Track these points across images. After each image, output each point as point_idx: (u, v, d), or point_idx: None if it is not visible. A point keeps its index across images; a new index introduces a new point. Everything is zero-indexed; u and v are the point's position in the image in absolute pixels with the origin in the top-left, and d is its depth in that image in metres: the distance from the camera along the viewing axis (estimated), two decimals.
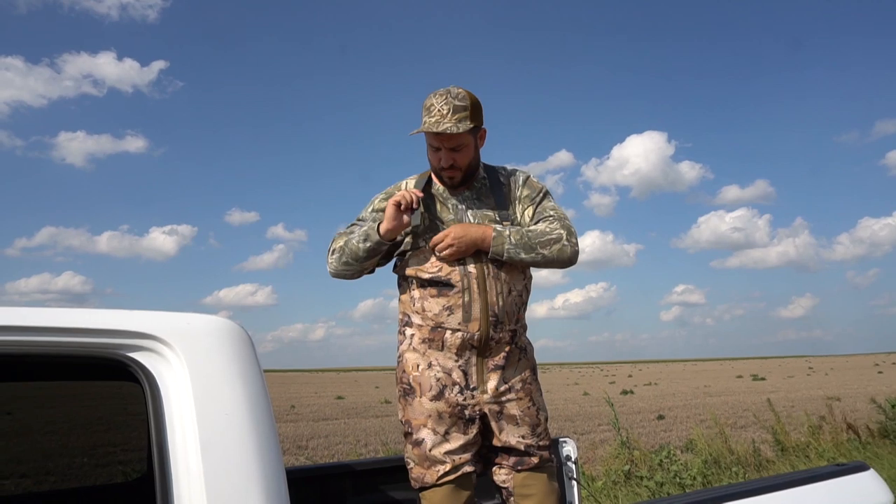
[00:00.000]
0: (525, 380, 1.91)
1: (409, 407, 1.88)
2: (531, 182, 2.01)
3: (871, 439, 6.79)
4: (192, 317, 1.20)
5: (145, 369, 1.13)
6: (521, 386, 1.90)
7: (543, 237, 1.87)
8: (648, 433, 10.86)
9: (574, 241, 1.90)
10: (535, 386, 1.94)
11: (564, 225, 1.91)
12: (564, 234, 1.88)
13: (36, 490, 1.78)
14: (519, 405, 1.88)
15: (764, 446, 6.78)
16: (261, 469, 1.11)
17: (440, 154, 1.88)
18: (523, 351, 1.95)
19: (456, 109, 1.83)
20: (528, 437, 1.89)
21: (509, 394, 1.88)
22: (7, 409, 1.69)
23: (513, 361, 1.91)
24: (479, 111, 1.90)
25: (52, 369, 1.31)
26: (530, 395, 1.91)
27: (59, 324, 1.12)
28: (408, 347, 1.92)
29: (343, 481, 2.24)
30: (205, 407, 1.11)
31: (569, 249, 1.88)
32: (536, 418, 1.91)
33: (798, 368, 56.35)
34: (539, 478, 1.92)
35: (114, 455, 1.84)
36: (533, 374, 1.95)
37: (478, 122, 1.89)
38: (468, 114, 1.84)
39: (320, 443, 10.97)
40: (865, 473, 1.85)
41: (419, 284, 1.89)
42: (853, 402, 13.91)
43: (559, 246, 1.87)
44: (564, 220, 1.93)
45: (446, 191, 1.97)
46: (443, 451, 1.82)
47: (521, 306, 1.93)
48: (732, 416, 13.32)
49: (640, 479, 5.26)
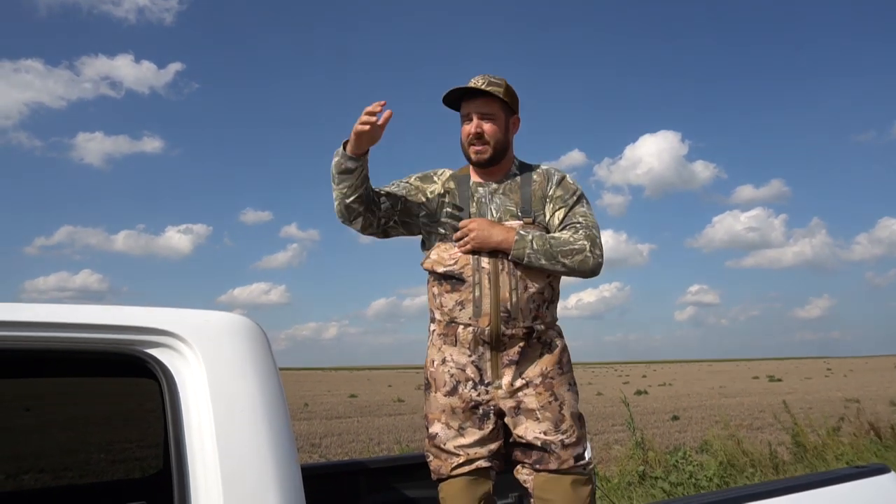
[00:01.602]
0: (545, 374, 1.84)
1: (427, 401, 1.91)
2: (566, 183, 1.96)
3: (891, 441, 6.68)
4: (209, 314, 1.21)
5: (163, 365, 1.14)
6: (539, 380, 1.83)
7: (566, 246, 1.83)
8: (663, 434, 10.78)
9: (598, 253, 1.85)
10: (560, 381, 1.85)
11: (590, 235, 1.86)
12: (588, 245, 1.84)
13: (55, 485, 1.80)
14: (538, 399, 1.81)
15: (781, 448, 6.70)
16: (276, 465, 1.12)
17: (470, 125, 1.92)
18: (547, 346, 1.88)
19: (491, 83, 1.91)
20: (549, 434, 1.80)
21: (526, 388, 1.83)
22: (26, 405, 1.71)
23: (531, 356, 1.86)
24: (514, 97, 1.96)
25: (71, 365, 1.33)
26: (551, 388, 1.83)
27: (77, 320, 1.13)
28: (429, 343, 1.95)
29: (357, 479, 2.24)
30: (221, 403, 1.12)
31: (591, 261, 1.84)
32: (559, 413, 1.82)
33: (816, 370, 55.64)
34: (561, 482, 1.80)
35: (131, 451, 1.85)
36: (558, 369, 1.86)
37: (511, 102, 1.94)
38: (502, 89, 1.91)
39: (333, 441, 11.02)
40: (886, 476, 1.82)
41: (437, 278, 1.91)
42: (873, 405, 13.70)
43: (581, 257, 1.83)
44: (591, 230, 1.87)
45: (475, 183, 1.97)
46: (456, 445, 1.83)
47: (543, 303, 1.88)
48: (749, 418, 13.19)
49: (655, 479, 5.22)
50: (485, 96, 1.90)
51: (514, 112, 1.97)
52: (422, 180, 2.00)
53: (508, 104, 1.93)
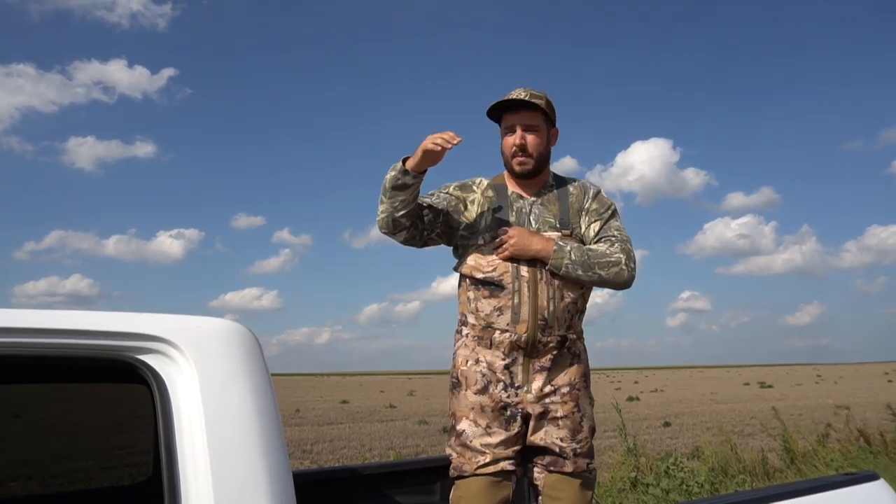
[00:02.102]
0: (573, 384, 1.93)
1: (455, 399, 1.95)
2: (601, 197, 2.03)
3: (881, 448, 6.72)
4: (200, 319, 1.20)
5: (154, 372, 1.13)
6: (567, 390, 1.91)
7: (603, 258, 1.89)
8: (654, 440, 10.79)
9: (633, 266, 1.92)
10: (585, 393, 1.96)
11: (625, 248, 1.93)
12: (624, 259, 1.91)
13: (42, 492, 1.78)
14: (563, 408, 1.90)
15: (771, 454, 6.72)
16: (268, 471, 1.11)
17: (513, 136, 1.97)
18: (577, 357, 1.96)
19: (533, 95, 1.97)
20: (566, 441, 1.90)
21: (554, 396, 1.90)
22: (15, 411, 1.69)
23: (562, 364, 1.93)
24: (554, 110, 2.03)
25: (61, 371, 1.32)
26: (577, 400, 1.92)
27: (67, 326, 1.12)
28: (461, 345, 1.99)
29: (349, 485, 2.23)
30: (213, 409, 1.11)
31: (626, 273, 1.91)
32: (579, 424, 1.92)
33: (806, 376, 55.92)
34: (571, 484, 1.91)
35: (120, 458, 1.84)
36: (584, 381, 1.97)
37: (552, 114, 2.02)
38: (544, 101, 1.97)
39: (325, 447, 10.96)
40: (876, 483, 1.83)
41: (473, 284, 1.94)
42: (862, 411, 13.78)
43: (617, 269, 1.89)
44: (626, 244, 1.94)
45: (514, 193, 2.03)
46: (483, 443, 1.86)
47: (576, 314, 1.96)
48: (740, 424, 13.23)
49: (647, 486, 5.23)
50: (529, 108, 1.96)
51: (554, 124, 2.05)
52: (461, 190, 2.05)
53: (549, 116, 2.00)
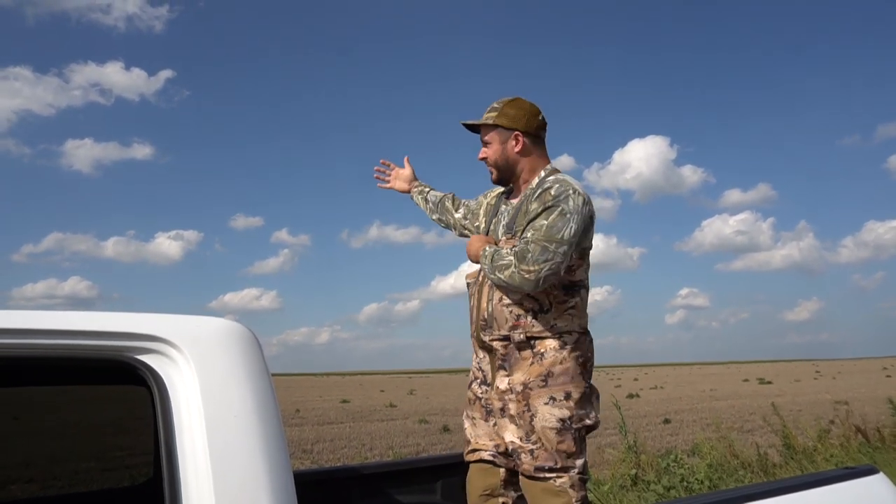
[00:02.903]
0: (526, 384, 1.87)
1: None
2: (543, 196, 1.90)
3: (880, 443, 6.74)
4: (200, 320, 1.20)
5: (154, 372, 1.13)
6: (520, 388, 1.88)
7: (499, 261, 1.87)
8: (655, 437, 10.82)
9: (527, 269, 1.79)
10: (539, 393, 1.85)
11: (523, 249, 1.82)
12: (514, 261, 1.82)
13: (43, 494, 1.78)
14: (516, 407, 1.88)
15: (771, 450, 6.74)
16: (269, 471, 1.11)
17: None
18: (539, 357, 1.89)
19: (490, 109, 2.07)
20: (522, 441, 1.87)
21: (510, 394, 1.91)
22: (15, 412, 1.69)
23: (519, 364, 1.91)
24: (513, 115, 2.03)
25: (61, 372, 1.32)
26: (528, 399, 1.86)
27: (67, 327, 1.12)
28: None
29: (349, 485, 2.23)
30: (213, 409, 1.11)
31: (517, 277, 1.81)
32: (530, 425, 1.85)
33: (805, 372, 56.05)
34: (531, 487, 1.87)
35: (121, 459, 1.84)
36: (540, 381, 1.86)
37: (505, 123, 2.03)
38: (495, 113, 2.04)
39: (325, 447, 10.97)
40: (875, 477, 1.83)
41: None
42: (861, 406, 13.81)
43: (509, 272, 1.83)
44: (529, 244, 1.82)
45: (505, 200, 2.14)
46: (469, 434, 2.07)
47: (526, 313, 1.90)
48: (739, 420, 13.26)
49: (648, 483, 5.24)
50: (478, 127, 2.08)
51: (510, 127, 2.02)
52: (484, 196, 2.28)
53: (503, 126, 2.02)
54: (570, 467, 1.84)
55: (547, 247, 1.81)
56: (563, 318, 1.91)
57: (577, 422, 1.86)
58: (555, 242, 1.82)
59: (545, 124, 2.08)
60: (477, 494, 2.02)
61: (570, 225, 1.84)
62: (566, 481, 1.83)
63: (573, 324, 1.93)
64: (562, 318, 1.91)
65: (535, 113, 2.04)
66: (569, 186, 1.90)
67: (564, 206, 1.86)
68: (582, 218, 1.87)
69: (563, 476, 1.83)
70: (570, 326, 1.92)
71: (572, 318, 1.93)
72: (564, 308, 1.92)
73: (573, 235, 1.84)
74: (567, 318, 1.92)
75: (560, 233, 1.83)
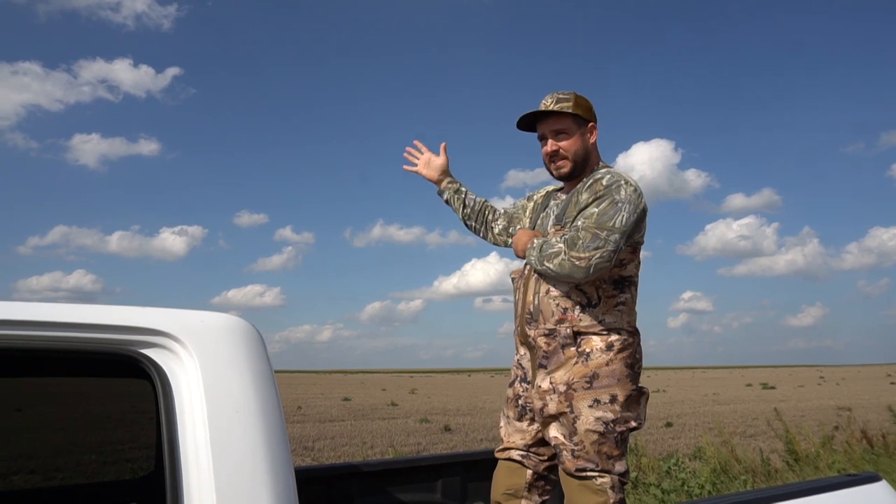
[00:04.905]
0: (570, 384, 1.83)
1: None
2: (594, 186, 1.88)
3: (883, 450, 6.70)
4: (204, 314, 1.20)
5: (157, 366, 1.13)
6: (564, 388, 1.83)
7: (549, 249, 1.84)
8: (656, 440, 10.78)
9: (577, 256, 1.77)
10: (584, 395, 1.81)
11: (573, 237, 1.80)
12: (563, 248, 1.80)
13: (45, 486, 1.79)
14: (557, 407, 1.84)
15: (773, 456, 6.71)
16: (270, 467, 1.11)
17: (546, 145, 2.01)
18: (584, 356, 1.84)
19: (559, 100, 1.98)
20: (565, 439, 1.83)
21: (552, 394, 1.85)
22: (17, 405, 1.70)
23: (562, 362, 1.86)
24: (586, 107, 2.01)
25: (64, 365, 1.32)
26: (571, 400, 1.82)
27: (71, 319, 1.13)
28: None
29: (350, 482, 2.23)
30: (215, 404, 1.12)
31: (567, 265, 1.78)
32: (573, 426, 1.82)
33: (809, 378, 55.79)
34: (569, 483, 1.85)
35: (122, 452, 1.84)
36: (585, 382, 1.82)
37: (584, 113, 1.99)
38: (571, 103, 1.97)
39: (326, 444, 10.97)
40: (877, 484, 1.82)
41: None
42: (865, 413, 13.75)
43: (558, 260, 1.80)
44: (580, 231, 1.80)
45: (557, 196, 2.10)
46: (503, 431, 2.07)
47: (573, 306, 1.86)
48: (742, 425, 13.21)
49: (648, 486, 5.22)
50: (554, 115, 1.98)
51: (588, 121, 2.01)
52: (527, 199, 2.24)
53: (581, 116, 1.99)
54: (611, 469, 1.82)
55: (598, 234, 1.78)
56: (611, 314, 1.86)
57: (622, 424, 1.83)
58: (606, 230, 1.78)
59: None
60: (500, 492, 2.01)
61: (621, 213, 1.80)
62: (607, 482, 1.81)
63: (622, 321, 1.88)
64: (610, 314, 1.86)
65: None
66: (620, 178, 1.87)
67: (616, 196, 1.83)
68: (634, 208, 1.83)
69: (604, 476, 1.81)
70: (619, 323, 1.87)
71: (621, 315, 1.88)
72: (613, 303, 1.87)
73: (625, 224, 1.80)
74: (616, 314, 1.87)
75: (612, 220, 1.79)
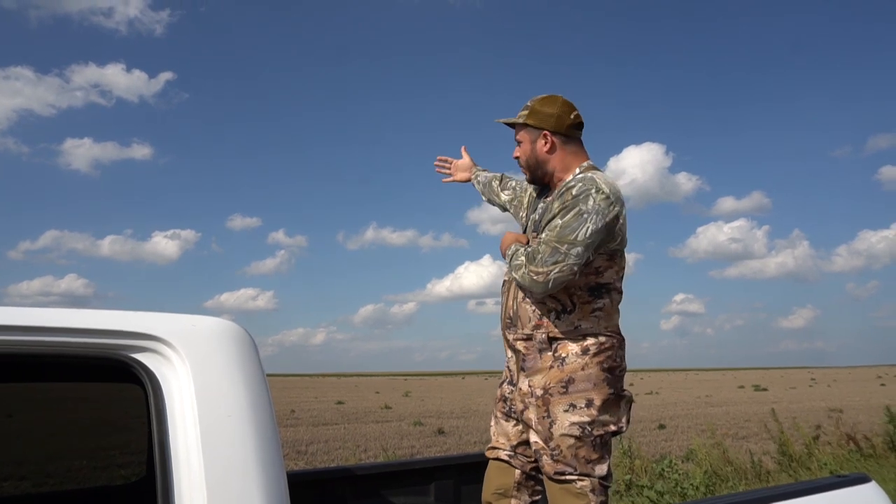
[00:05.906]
0: (547, 388, 1.84)
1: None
2: (565, 195, 1.86)
3: (872, 451, 6.75)
4: (195, 319, 1.20)
5: (148, 370, 1.13)
6: (541, 393, 1.85)
7: (515, 261, 1.87)
8: (649, 442, 10.81)
9: (536, 270, 1.78)
10: (559, 399, 1.82)
11: (534, 250, 1.82)
12: (524, 261, 1.82)
13: (35, 492, 1.78)
14: (536, 412, 1.86)
15: (765, 457, 6.74)
16: (262, 471, 1.11)
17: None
18: (559, 360, 1.85)
19: (525, 107, 2.05)
20: (542, 443, 1.85)
21: (531, 398, 1.88)
22: (7, 410, 1.69)
23: (540, 367, 1.88)
24: (543, 114, 1.99)
25: (55, 370, 1.31)
26: (547, 405, 1.83)
27: (61, 324, 1.12)
28: None
29: (343, 486, 2.23)
30: (207, 409, 1.11)
31: (527, 278, 1.80)
32: (549, 431, 1.83)
33: (800, 380, 56.11)
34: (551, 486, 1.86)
35: (113, 458, 1.83)
36: (561, 387, 1.83)
37: (536, 122, 2.00)
38: (527, 112, 2.02)
39: (320, 448, 10.94)
40: (867, 485, 1.84)
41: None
42: (856, 415, 13.84)
43: (521, 273, 1.83)
44: (540, 245, 1.81)
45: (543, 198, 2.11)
46: (492, 431, 2.09)
47: (549, 312, 1.87)
48: (734, 427, 13.27)
49: (641, 488, 5.23)
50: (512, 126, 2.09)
51: (540, 127, 1.98)
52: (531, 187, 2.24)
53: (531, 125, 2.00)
54: (591, 473, 1.82)
55: (558, 248, 1.77)
56: (587, 320, 1.86)
57: (599, 428, 1.82)
58: (566, 244, 1.77)
59: (580, 122, 2.00)
60: (490, 491, 2.04)
61: (585, 225, 1.78)
62: (587, 485, 1.81)
63: (599, 326, 1.87)
64: (587, 320, 1.86)
65: (568, 111, 1.98)
66: (592, 185, 1.84)
67: (582, 206, 1.81)
68: (602, 217, 1.80)
69: (584, 480, 1.81)
70: (596, 329, 1.87)
71: (598, 321, 1.87)
72: (590, 309, 1.87)
73: (589, 236, 1.78)
74: (593, 319, 1.87)
75: (574, 233, 1.78)
